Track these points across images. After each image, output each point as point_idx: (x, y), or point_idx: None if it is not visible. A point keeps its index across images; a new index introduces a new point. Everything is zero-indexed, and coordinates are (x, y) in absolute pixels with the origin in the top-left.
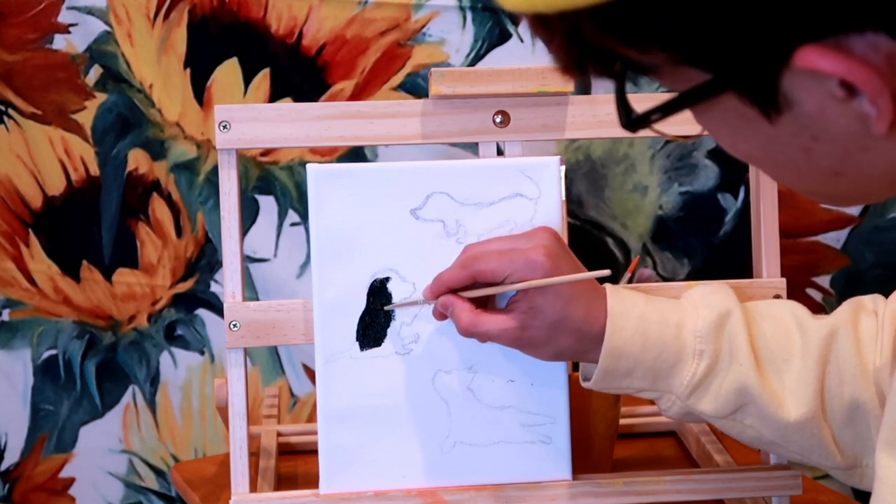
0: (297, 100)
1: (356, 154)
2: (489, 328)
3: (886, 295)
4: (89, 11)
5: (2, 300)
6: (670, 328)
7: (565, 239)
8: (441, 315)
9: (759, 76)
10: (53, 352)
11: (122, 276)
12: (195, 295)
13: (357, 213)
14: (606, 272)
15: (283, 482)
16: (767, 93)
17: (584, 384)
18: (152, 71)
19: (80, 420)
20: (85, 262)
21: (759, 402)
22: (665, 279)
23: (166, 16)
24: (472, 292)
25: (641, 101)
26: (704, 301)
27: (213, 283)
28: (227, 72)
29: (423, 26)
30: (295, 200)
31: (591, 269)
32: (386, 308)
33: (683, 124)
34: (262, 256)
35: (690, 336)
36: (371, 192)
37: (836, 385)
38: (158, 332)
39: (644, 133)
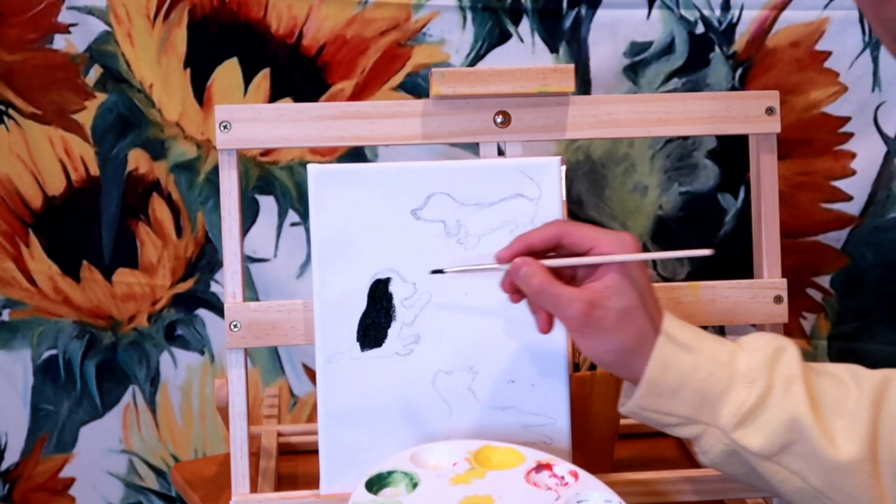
0: (297, 100)
1: (356, 154)
2: (561, 293)
3: (887, 295)
4: (89, 11)
5: (2, 300)
6: (724, 353)
7: None
8: (509, 285)
9: None
10: (53, 352)
11: (122, 276)
12: (195, 295)
13: (357, 213)
14: (709, 251)
15: (284, 482)
16: None
17: (622, 409)
18: (152, 71)
19: (80, 420)
20: (85, 262)
21: (810, 438)
22: (665, 279)
23: (166, 16)
24: (552, 262)
25: (642, 100)
26: (760, 339)
27: (213, 283)
28: (227, 72)
29: (423, 26)
30: (295, 200)
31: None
32: (446, 271)
33: (684, 124)
34: (262, 256)
35: (744, 363)
36: (371, 193)
37: (890, 433)
38: (158, 332)
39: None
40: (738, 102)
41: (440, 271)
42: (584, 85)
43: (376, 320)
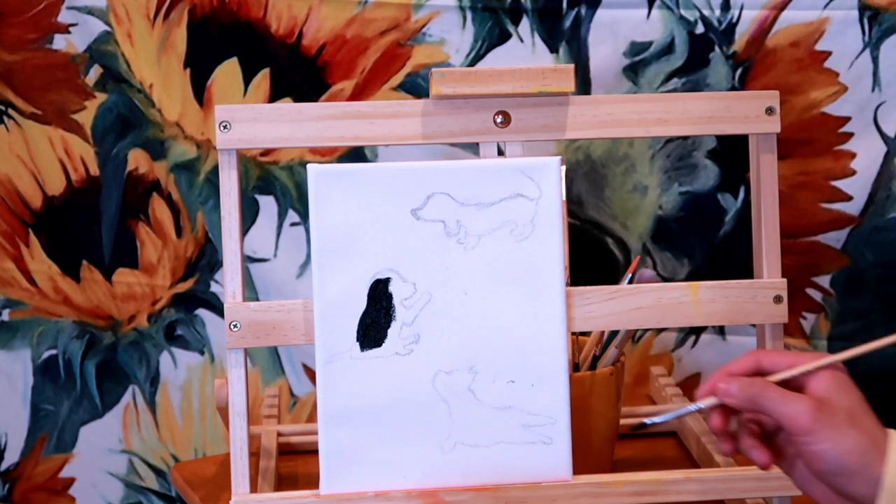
0: (297, 100)
1: (356, 154)
2: (786, 393)
3: (887, 295)
4: (89, 11)
5: (2, 300)
6: None
7: (565, 239)
8: (720, 417)
9: None
10: (53, 352)
11: (122, 276)
12: (195, 295)
13: (357, 213)
14: None
15: (284, 482)
16: None
17: None
18: (152, 71)
19: (80, 420)
20: (85, 262)
21: None
22: (665, 279)
23: (166, 16)
24: (769, 377)
25: (642, 100)
26: None
27: (213, 283)
28: (227, 72)
29: (423, 26)
30: (295, 200)
31: (592, 271)
32: (648, 424)
33: (684, 124)
34: (262, 256)
35: None
36: (371, 193)
37: None
38: (158, 332)
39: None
40: (738, 102)
41: (643, 426)
42: (584, 85)
43: (376, 320)
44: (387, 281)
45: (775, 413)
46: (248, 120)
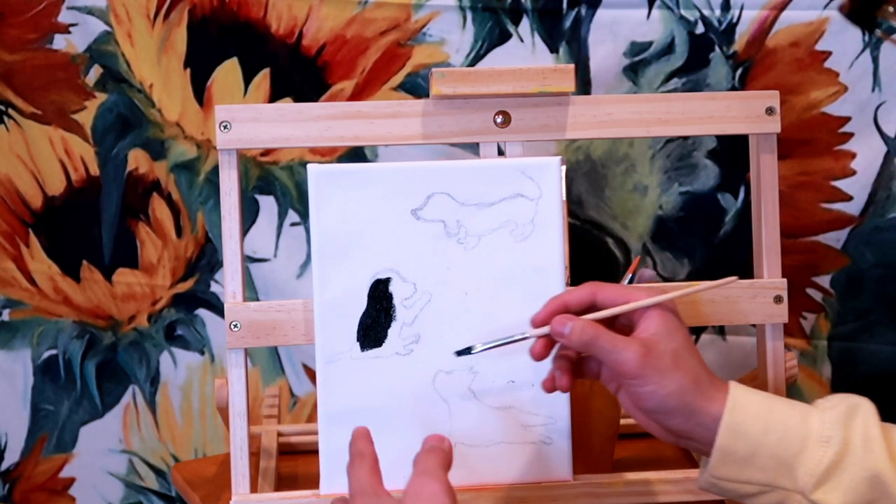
0: (297, 100)
1: (356, 154)
2: (616, 339)
3: (887, 295)
4: (89, 11)
5: (2, 300)
6: (795, 414)
7: (566, 239)
8: (543, 346)
9: None
10: (53, 352)
11: (122, 276)
12: (195, 295)
13: (358, 213)
14: (734, 278)
15: (284, 482)
16: None
17: (699, 485)
18: (152, 71)
19: (80, 420)
20: (85, 262)
21: (894, 494)
22: (665, 279)
23: (166, 16)
24: (594, 314)
25: (642, 100)
26: (833, 398)
27: (213, 283)
28: (227, 72)
29: (423, 26)
30: (295, 200)
31: (592, 271)
32: (474, 352)
33: (684, 124)
34: (262, 256)
35: (817, 422)
36: (372, 193)
37: None
38: (158, 332)
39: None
40: (738, 102)
41: (467, 351)
42: (584, 85)
43: (376, 320)
44: (387, 281)
45: (606, 359)
46: (248, 120)
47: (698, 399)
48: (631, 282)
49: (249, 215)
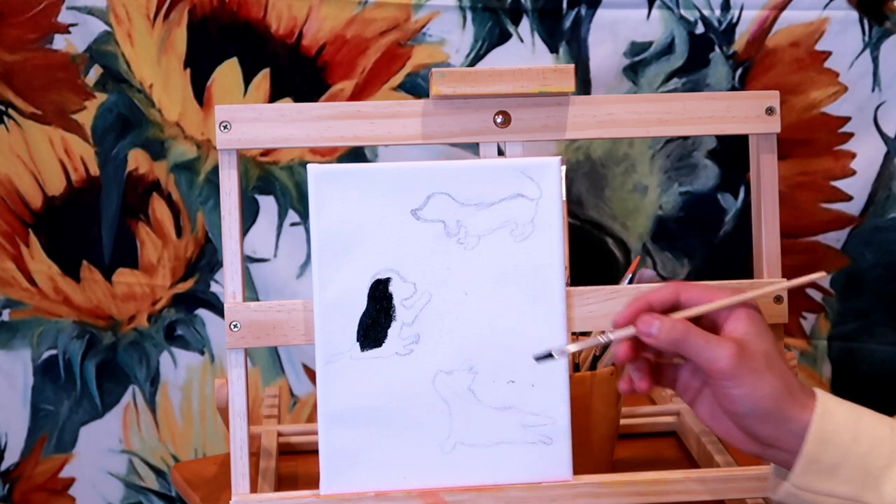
0: (297, 100)
1: (356, 154)
2: (709, 337)
3: (887, 295)
4: (89, 11)
5: (2, 300)
6: (884, 427)
7: (566, 239)
8: (628, 348)
9: None
10: (53, 352)
11: (122, 276)
12: (195, 295)
13: (357, 213)
14: (822, 274)
15: (284, 482)
16: None
17: (773, 495)
18: (152, 71)
19: (80, 420)
20: (85, 262)
21: None
22: (665, 279)
23: (166, 16)
24: (683, 312)
25: (642, 100)
26: None
27: (213, 283)
28: (227, 72)
29: (423, 26)
30: (295, 200)
31: (592, 271)
32: (556, 356)
33: (684, 124)
34: (262, 256)
35: None
36: (372, 193)
37: None
38: (158, 332)
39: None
40: (738, 102)
41: (549, 356)
42: (584, 85)
43: (376, 320)
44: (387, 281)
45: (697, 357)
46: (248, 120)
47: (790, 404)
48: (630, 282)
49: (249, 215)
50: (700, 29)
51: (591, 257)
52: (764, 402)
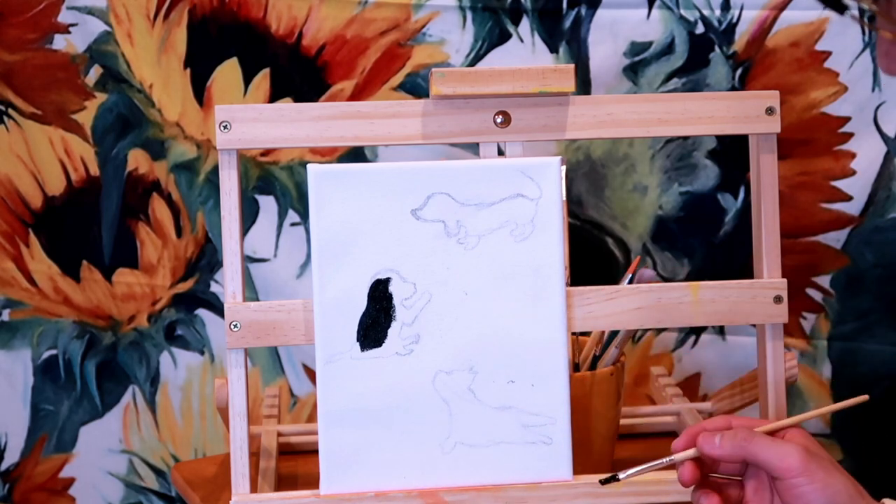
0: (297, 100)
1: (356, 154)
2: (775, 439)
3: (887, 295)
4: (89, 11)
5: (2, 300)
6: None
7: (566, 239)
8: (692, 469)
9: None
10: (53, 352)
11: (122, 276)
12: (195, 295)
13: (357, 213)
14: (864, 397)
15: (284, 482)
16: None
17: None
18: (152, 71)
19: (80, 420)
20: (85, 262)
21: None
22: (665, 279)
23: (166, 16)
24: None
25: (642, 100)
26: None
27: (213, 283)
28: (227, 72)
29: (423, 26)
30: (295, 200)
31: (592, 271)
32: (621, 478)
33: (684, 124)
34: (262, 256)
35: None
36: (371, 193)
37: None
38: (158, 332)
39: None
40: (738, 102)
41: (614, 479)
42: (584, 85)
43: (376, 320)
44: (387, 281)
45: (765, 457)
46: (248, 120)
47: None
48: (630, 282)
49: (249, 215)
50: (700, 29)
51: (591, 257)
52: (839, 497)
